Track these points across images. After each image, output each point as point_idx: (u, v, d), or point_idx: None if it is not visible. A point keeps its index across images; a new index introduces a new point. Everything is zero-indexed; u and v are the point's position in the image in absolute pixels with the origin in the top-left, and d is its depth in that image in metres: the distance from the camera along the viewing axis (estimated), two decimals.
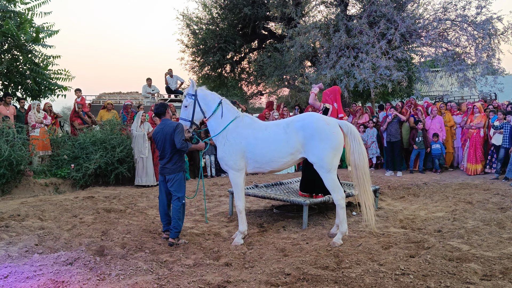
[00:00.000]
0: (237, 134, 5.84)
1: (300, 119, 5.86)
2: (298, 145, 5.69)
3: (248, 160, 5.84)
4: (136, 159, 10.70)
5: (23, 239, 5.68)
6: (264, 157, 5.77)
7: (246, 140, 5.80)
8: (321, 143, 5.56)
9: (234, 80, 19.48)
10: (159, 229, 6.44)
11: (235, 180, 5.88)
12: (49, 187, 10.06)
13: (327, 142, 5.56)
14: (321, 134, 5.58)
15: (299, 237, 5.94)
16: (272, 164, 5.80)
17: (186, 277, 4.33)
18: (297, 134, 5.68)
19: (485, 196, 8.23)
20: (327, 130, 5.60)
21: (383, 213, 7.29)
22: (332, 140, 5.58)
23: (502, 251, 4.89)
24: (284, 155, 5.73)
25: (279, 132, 5.78)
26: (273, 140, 5.75)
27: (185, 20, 17.11)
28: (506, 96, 16.89)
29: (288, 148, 5.70)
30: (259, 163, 5.83)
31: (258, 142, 5.78)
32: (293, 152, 5.72)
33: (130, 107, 12.53)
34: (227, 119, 5.91)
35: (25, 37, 11.24)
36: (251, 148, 5.78)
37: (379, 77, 11.83)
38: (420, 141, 11.88)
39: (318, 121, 5.69)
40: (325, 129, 5.60)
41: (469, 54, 12.64)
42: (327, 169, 5.59)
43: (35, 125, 10.61)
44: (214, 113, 5.95)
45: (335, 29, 12.89)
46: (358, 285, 4.05)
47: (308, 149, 5.65)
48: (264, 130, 5.86)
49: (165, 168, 5.90)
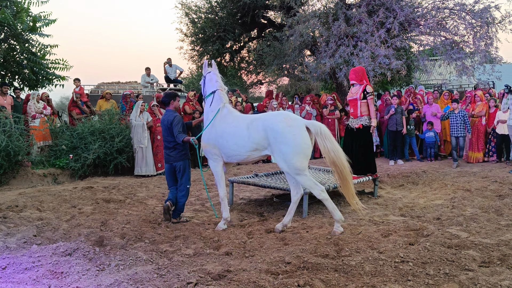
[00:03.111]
0: (212, 125, 6.00)
1: (264, 118, 5.74)
2: (263, 142, 5.61)
3: (220, 151, 5.96)
4: (136, 149, 10.68)
5: (21, 230, 5.67)
6: (229, 150, 5.85)
7: (216, 133, 5.94)
8: (283, 147, 5.42)
9: (234, 69, 19.41)
10: (159, 219, 6.44)
11: (213, 168, 6.10)
12: (47, 178, 10.03)
13: (289, 147, 5.38)
14: (282, 137, 5.42)
15: (299, 226, 5.95)
16: (238, 157, 5.87)
17: (186, 267, 4.33)
18: (258, 133, 5.62)
19: (483, 183, 8.25)
20: (287, 133, 5.39)
21: (383, 201, 7.30)
22: (294, 144, 5.38)
23: (500, 238, 4.90)
24: (247, 150, 5.73)
25: (242, 128, 5.77)
26: (236, 134, 5.78)
27: (184, 9, 16.98)
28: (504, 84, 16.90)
29: (250, 144, 5.67)
30: (226, 155, 5.93)
31: (224, 135, 5.87)
32: (257, 148, 5.68)
33: (129, 97, 12.48)
34: (213, 109, 6.09)
35: (22, 26, 11.16)
36: (219, 140, 5.90)
37: (378, 66, 11.79)
38: (411, 129, 11.93)
39: (279, 124, 5.48)
40: (286, 132, 5.40)
41: (467, 42, 12.62)
42: (295, 173, 5.48)
43: (35, 116, 10.57)
44: (206, 99, 6.25)
45: (334, 18, 12.82)
46: (358, 273, 4.06)
47: (273, 151, 5.58)
48: (231, 123, 5.89)
49: (170, 157, 6.28)
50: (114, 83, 19.06)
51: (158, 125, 10.99)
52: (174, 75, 16.48)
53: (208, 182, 9.64)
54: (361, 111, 7.61)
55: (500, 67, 12.78)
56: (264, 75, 18.90)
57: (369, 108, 7.60)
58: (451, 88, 18.35)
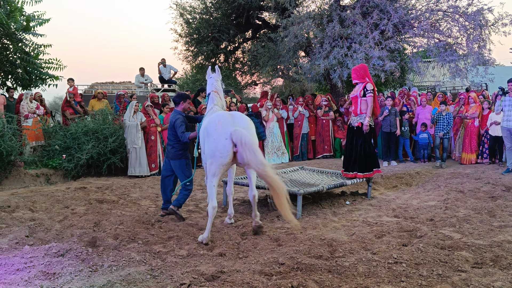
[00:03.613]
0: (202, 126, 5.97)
1: (207, 118, 5.84)
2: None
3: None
4: (129, 149, 10.64)
5: (14, 231, 5.63)
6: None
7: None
8: (205, 146, 5.47)
9: (228, 70, 19.41)
10: (152, 219, 6.42)
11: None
12: (40, 178, 9.97)
13: (206, 146, 5.41)
14: (207, 138, 5.41)
15: (293, 227, 5.94)
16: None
17: (179, 268, 4.32)
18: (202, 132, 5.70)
19: (476, 185, 8.29)
20: (211, 134, 5.34)
21: (376, 202, 7.32)
22: (209, 145, 5.33)
23: (492, 239, 4.93)
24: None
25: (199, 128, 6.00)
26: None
27: (179, 9, 16.96)
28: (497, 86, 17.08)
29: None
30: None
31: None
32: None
33: (123, 97, 12.43)
34: (207, 111, 6.24)
35: (15, 25, 11.07)
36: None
37: (372, 67, 11.84)
38: (406, 130, 12.00)
39: (211, 124, 5.42)
40: (211, 133, 5.36)
41: (461, 44, 12.72)
42: (206, 172, 5.59)
43: (28, 115, 10.50)
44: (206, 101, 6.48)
45: (328, 19, 12.86)
46: (352, 273, 4.06)
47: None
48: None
49: (169, 152, 6.53)
50: (108, 83, 19.00)
51: (152, 125, 10.96)
52: (168, 75, 16.45)
53: (202, 182, 9.62)
54: (361, 108, 7.60)
55: (493, 69, 12.87)
56: (258, 76, 18.92)
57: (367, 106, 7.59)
58: (445, 90, 18.47)
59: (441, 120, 11.18)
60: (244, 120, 5.56)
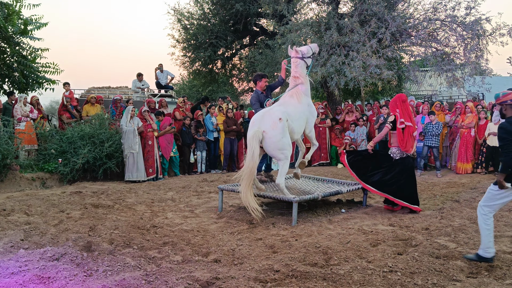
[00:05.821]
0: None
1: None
2: None
3: None
4: (127, 154, 10.61)
5: (9, 234, 5.60)
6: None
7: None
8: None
9: (225, 76, 19.46)
10: (148, 225, 6.41)
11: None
12: (36, 182, 9.94)
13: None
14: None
15: (289, 234, 5.94)
16: None
17: (174, 274, 4.31)
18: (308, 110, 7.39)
19: (472, 194, 8.32)
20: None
21: (372, 211, 7.33)
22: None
23: None
24: None
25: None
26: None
27: (176, 15, 17.02)
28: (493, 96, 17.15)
29: None
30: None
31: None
32: None
33: (119, 102, 12.43)
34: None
35: (12, 29, 11.07)
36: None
37: (369, 76, 11.88)
38: None
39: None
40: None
41: (458, 54, 12.75)
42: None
43: (21, 119, 10.46)
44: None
45: (326, 27, 12.91)
46: (347, 282, 4.07)
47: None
48: None
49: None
50: (105, 87, 18.96)
51: (149, 130, 10.96)
52: (165, 81, 16.45)
53: (197, 188, 9.62)
54: (392, 141, 7.31)
55: (490, 79, 12.94)
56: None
57: (397, 138, 7.12)
58: (441, 99, 18.55)
59: (429, 128, 11.33)
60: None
